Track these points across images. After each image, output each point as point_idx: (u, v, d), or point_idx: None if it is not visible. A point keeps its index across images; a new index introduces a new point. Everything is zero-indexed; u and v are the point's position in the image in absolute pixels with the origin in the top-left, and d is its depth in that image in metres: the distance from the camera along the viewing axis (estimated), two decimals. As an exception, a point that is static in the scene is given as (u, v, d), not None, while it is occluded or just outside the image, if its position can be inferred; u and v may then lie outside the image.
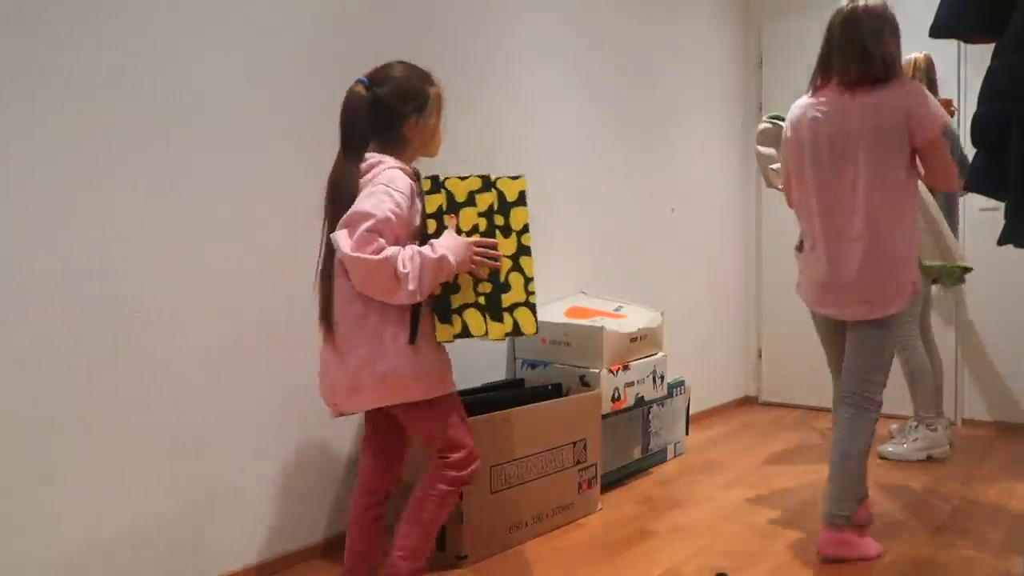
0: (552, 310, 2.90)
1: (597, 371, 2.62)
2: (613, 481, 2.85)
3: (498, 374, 2.83)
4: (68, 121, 1.69)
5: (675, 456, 3.24)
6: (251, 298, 2.04)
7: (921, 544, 2.24)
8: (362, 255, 1.51)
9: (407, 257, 1.55)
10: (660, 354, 2.93)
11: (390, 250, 1.54)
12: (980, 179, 1.48)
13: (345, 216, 1.55)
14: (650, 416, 3.05)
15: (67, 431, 1.70)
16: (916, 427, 3.13)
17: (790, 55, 4.20)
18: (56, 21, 1.66)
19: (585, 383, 2.64)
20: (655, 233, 3.71)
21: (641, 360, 2.82)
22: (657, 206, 3.73)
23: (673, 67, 3.82)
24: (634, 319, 2.83)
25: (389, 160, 1.65)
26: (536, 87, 2.98)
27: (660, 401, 3.03)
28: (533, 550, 2.23)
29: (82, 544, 1.72)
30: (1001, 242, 1.51)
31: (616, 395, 2.69)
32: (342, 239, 1.54)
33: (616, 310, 2.90)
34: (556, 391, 2.54)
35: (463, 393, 2.48)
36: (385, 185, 1.58)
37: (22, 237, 1.63)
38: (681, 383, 3.27)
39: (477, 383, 2.71)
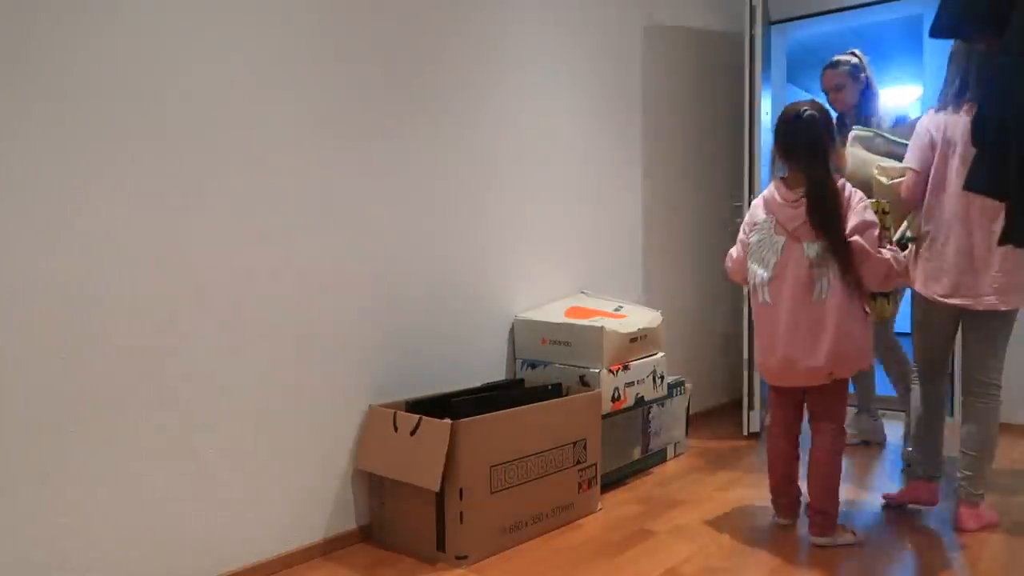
0: (552, 310, 2.90)
1: (597, 371, 2.62)
2: (613, 481, 2.85)
3: (498, 374, 2.83)
4: (69, 121, 1.69)
5: (675, 456, 3.24)
6: (251, 297, 2.04)
7: (923, 544, 2.25)
8: (881, 256, 2.11)
9: (896, 258, 2.16)
10: (660, 354, 2.93)
11: (887, 252, 2.14)
12: (980, 179, 1.48)
13: (858, 224, 2.10)
14: (650, 416, 3.05)
15: (67, 431, 1.70)
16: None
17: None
18: (56, 21, 1.66)
19: (585, 383, 2.64)
20: (656, 233, 3.71)
21: (641, 360, 2.82)
22: (657, 206, 3.73)
23: (673, 67, 3.82)
24: (634, 319, 2.83)
25: (847, 182, 2.23)
26: (536, 87, 2.98)
27: (660, 401, 3.03)
28: (533, 550, 2.23)
29: (82, 544, 1.72)
30: (1001, 242, 1.52)
31: (616, 395, 2.69)
32: (862, 242, 2.09)
33: (616, 310, 2.90)
34: (556, 391, 2.54)
35: (463, 393, 2.49)
36: (866, 201, 2.17)
37: (22, 236, 1.63)
38: (681, 383, 3.27)
39: (477, 383, 2.71)
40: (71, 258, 1.70)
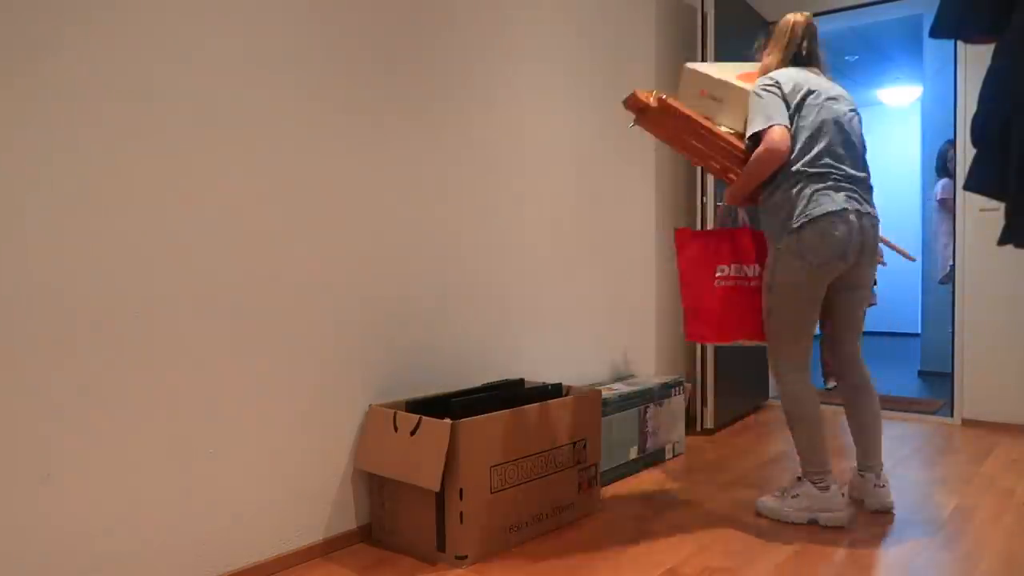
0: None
1: None
2: (611, 480, 2.85)
3: (498, 374, 2.83)
4: (67, 119, 1.69)
5: (674, 456, 3.24)
6: (251, 297, 2.04)
7: (923, 544, 2.25)
8: None
9: None
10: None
11: None
12: (980, 179, 1.48)
13: None
14: (648, 416, 3.05)
15: (67, 431, 1.70)
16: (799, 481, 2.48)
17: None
18: (53, 20, 1.66)
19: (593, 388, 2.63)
20: (660, 232, 3.71)
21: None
22: (663, 203, 3.73)
23: (674, 68, 3.82)
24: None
25: None
26: (541, 86, 2.98)
27: (658, 401, 3.03)
28: (533, 550, 2.23)
29: (81, 544, 1.72)
30: (1001, 242, 1.52)
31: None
32: None
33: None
34: (556, 391, 2.54)
35: (463, 393, 2.49)
36: None
37: (22, 236, 1.62)
38: (680, 383, 3.27)
39: (477, 383, 2.71)
40: (72, 258, 1.70)
